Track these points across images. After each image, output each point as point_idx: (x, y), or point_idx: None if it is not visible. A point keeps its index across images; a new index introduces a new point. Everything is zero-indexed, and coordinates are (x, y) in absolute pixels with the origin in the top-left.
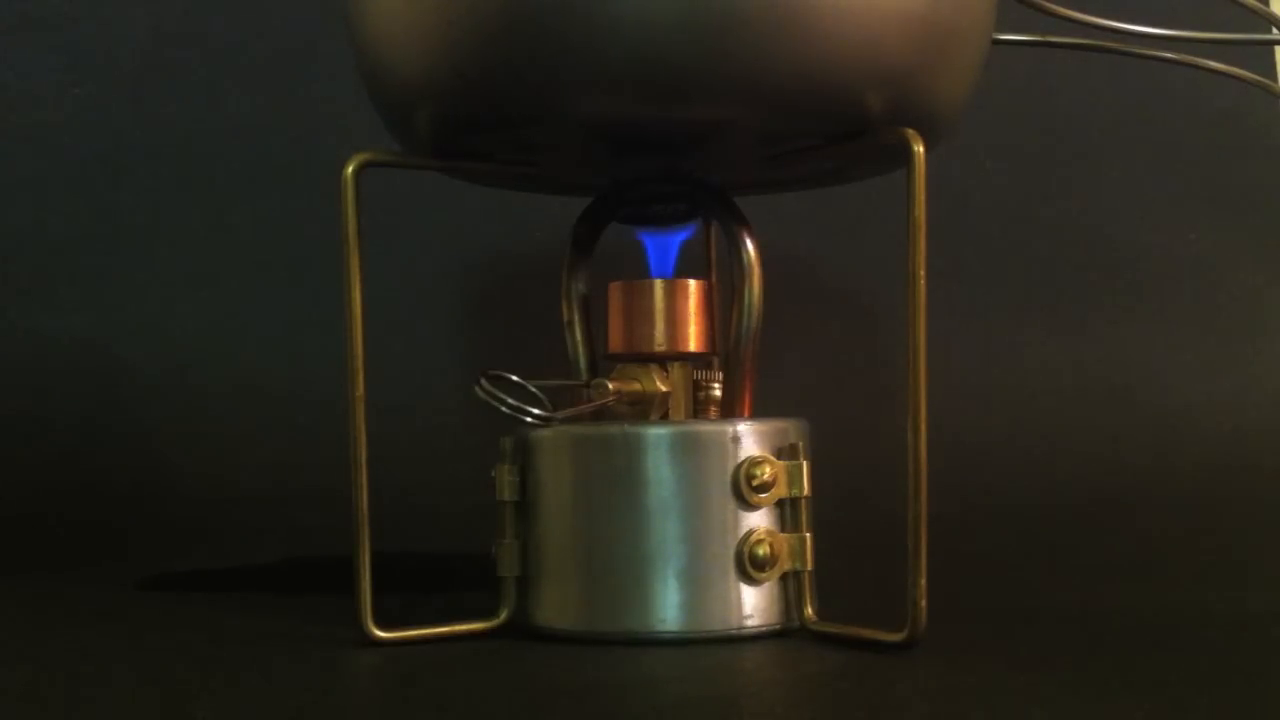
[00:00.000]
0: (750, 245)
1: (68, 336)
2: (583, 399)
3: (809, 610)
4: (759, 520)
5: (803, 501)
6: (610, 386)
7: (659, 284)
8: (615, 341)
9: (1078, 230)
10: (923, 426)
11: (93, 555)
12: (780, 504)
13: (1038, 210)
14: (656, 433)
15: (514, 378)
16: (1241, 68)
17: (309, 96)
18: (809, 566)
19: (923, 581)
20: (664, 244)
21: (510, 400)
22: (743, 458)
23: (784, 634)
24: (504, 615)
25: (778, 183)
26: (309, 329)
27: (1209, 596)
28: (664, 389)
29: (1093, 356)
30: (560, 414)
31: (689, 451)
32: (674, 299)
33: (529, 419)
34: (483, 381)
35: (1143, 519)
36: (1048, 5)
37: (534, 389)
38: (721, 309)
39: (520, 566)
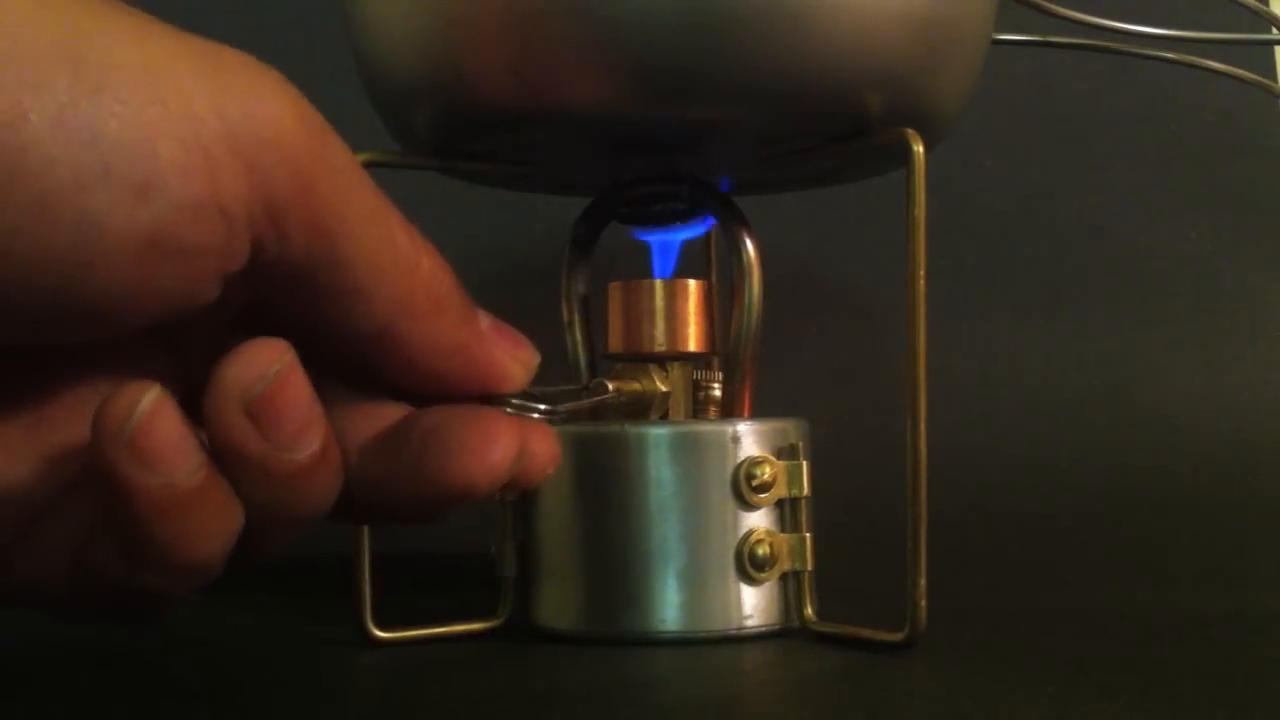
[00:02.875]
0: (750, 245)
1: None
2: (583, 400)
3: (809, 610)
4: (759, 520)
5: (803, 501)
6: (610, 386)
7: (659, 284)
8: (615, 341)
9: (1078, 230)
10: (923, 426)
11: None
12: (780, 504)
13: (1038, 210)
14: (656, 433)
15: None
16: (1241, 68)
17: (308, 97)
18: (809, 566)
19: (923, 581)
20: (664, 244)
21: (513, 400)
22: (742, 458)
23: (784, 634)
24: (504, 615)
25: (778, 183)
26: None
27: (1209, 596)
28: (664, 389)
29: (1093, 356)
30: (562, 408)
31: (689, 451)
32: (674, 299)
33: (535, 416)
34: None
35: (1143, 519)
36: (1048, 5)
37: (530, 390)
38: (721, 309)
39: (520, 566)
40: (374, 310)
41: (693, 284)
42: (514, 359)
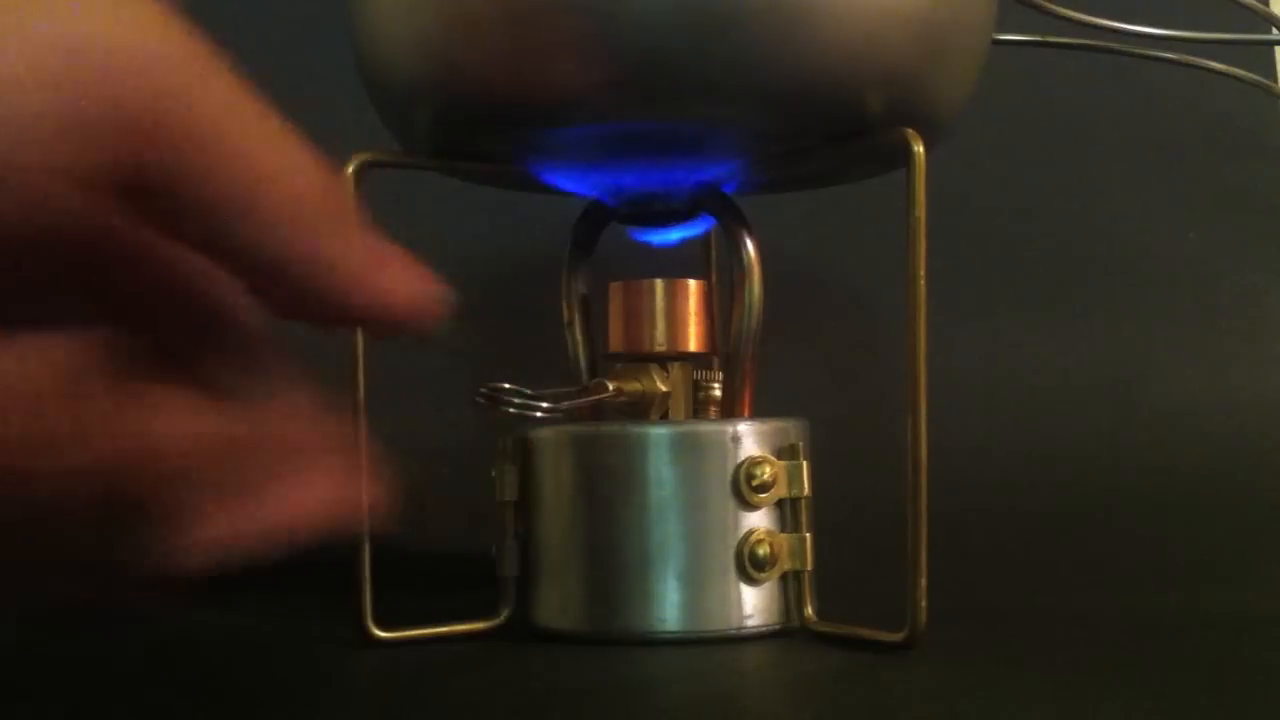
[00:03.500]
0: (750, 245)
1: None
2: (582, 400)
3: (809, 610)
4: (759, 520)
5: (803, 501)
6: (610, 386)
7: (659, 284)
8: (615, 341)
9: (1078, 230)
10: (923, 426)
11: None
12: (780, 504)
13: (1038, 210)
14: (656, 433)
15: (507, 385)
16: (1241, 68)
17: (309, 96)
18: (809, 566)
19: (923, 581)
20: (665, 242)
21: (516, 400)
22: (743, 458)
23: (784, 634)
24: (504, 615)
25: (778, 183)
26: (310, 330)
27: (1209, 596)
28: (664, 389)
29: (1093, 356)
30: (564, 404)
31: (689, 451)
32: (674, 299)
33: (539, 414)
34: (484, 391)
35: (1142, 519)
36: (1048, 5)
37: (530, 392)
38: (721, 309)
39: (520, 566)
40: (264, 225)
41: (693, 284)
42: (423, 288)
